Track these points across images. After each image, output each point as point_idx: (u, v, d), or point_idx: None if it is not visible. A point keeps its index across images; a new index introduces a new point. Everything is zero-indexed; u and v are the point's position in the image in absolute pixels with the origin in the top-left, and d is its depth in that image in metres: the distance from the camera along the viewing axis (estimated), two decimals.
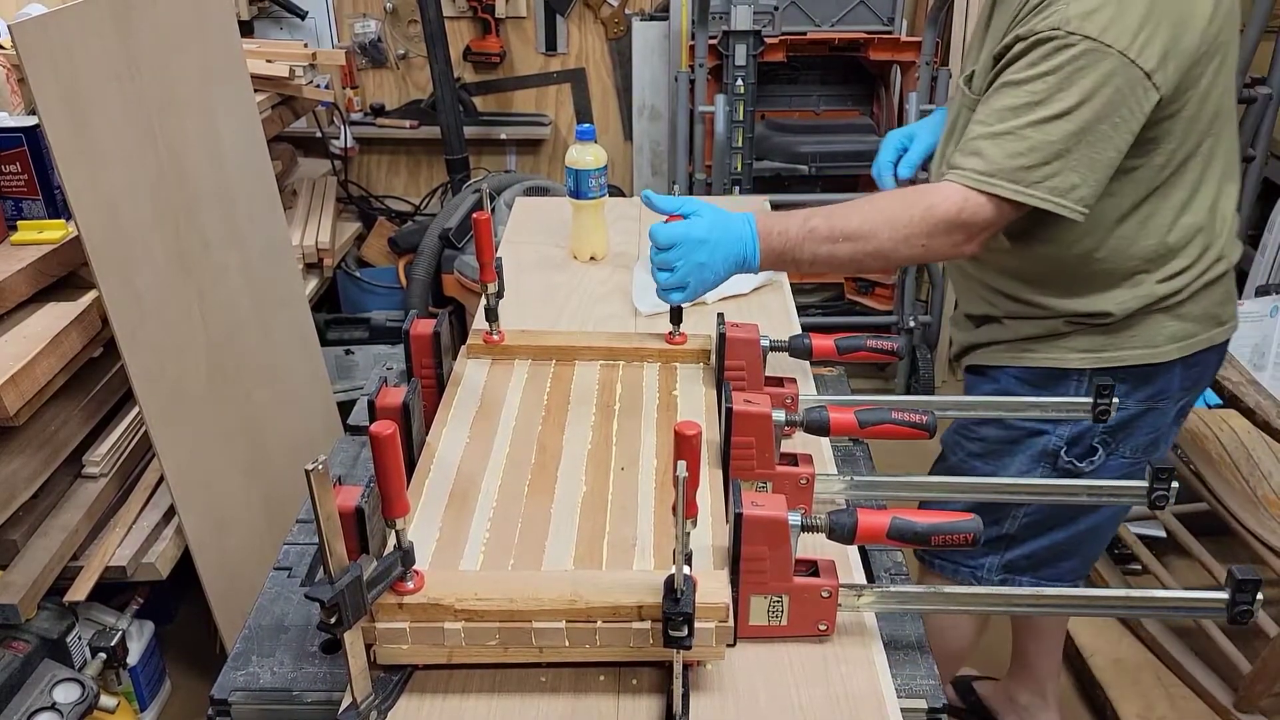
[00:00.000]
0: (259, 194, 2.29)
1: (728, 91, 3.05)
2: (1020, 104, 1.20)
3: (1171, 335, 1.39)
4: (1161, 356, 1.39)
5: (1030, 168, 1.19)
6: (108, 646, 1.85)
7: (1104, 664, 2.19)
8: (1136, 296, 1.36)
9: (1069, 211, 1.21)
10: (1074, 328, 1.40)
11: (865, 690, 0.92)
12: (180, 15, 1.97)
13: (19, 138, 1.75)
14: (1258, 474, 2.07)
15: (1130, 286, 1.35)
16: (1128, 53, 1.15)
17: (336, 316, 3.21)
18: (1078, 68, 1.16)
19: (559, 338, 1.38)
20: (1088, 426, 1.42)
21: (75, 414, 1.81)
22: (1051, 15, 1.18)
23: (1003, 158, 1.20)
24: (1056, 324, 1.41)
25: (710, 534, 1.04)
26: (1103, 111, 1.17)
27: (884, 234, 1.26)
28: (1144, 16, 1.15)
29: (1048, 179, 1.20)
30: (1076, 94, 1.16)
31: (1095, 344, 1.39)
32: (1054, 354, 1.42)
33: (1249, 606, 0.94)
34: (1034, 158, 1.19)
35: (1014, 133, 1.20)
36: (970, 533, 0.94)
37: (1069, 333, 1.40)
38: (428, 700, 0.90)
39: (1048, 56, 1.18)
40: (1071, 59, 1.16)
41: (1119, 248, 1.33)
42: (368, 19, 3.43)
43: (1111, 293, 1.36)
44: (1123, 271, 1.35)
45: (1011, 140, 1.20)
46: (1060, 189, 1.20)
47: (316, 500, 0.75)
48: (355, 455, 1.33)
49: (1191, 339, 1.40)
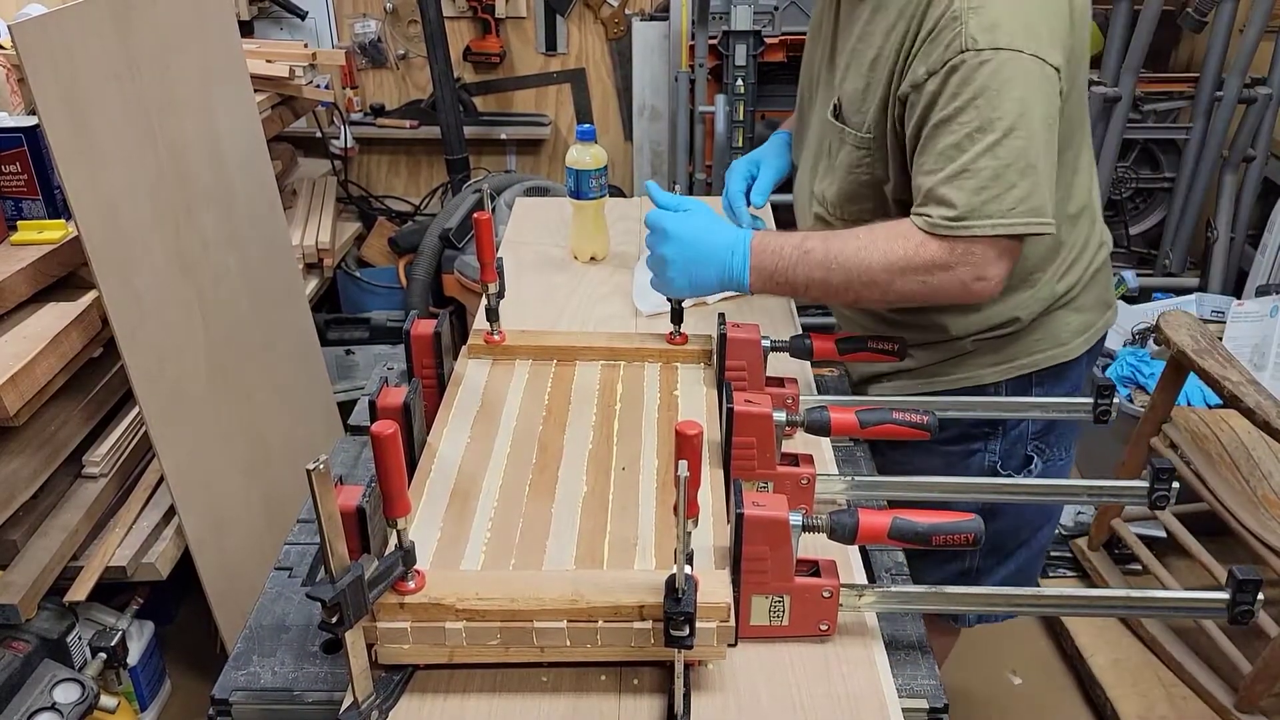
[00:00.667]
0: (259, 194, 2.29)
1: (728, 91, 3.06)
2: (961, 138, 1.13)
3: (1077, 329, 1.39)
4: (1072, 353, 1.39)
5: (998, 197, 1.13)
6: (108, 646, 1.85)
7: (1104, 664, 2.19)
8: (1039, 298, 1.34)
9: (1041, 228, 1.15)
10: (980, 344, 1.38)
11: (866, 690, 0.92)
12: (180, 15, 1.97)
13: (19, 138, 1.76)
14: (1258, 474, 2.07)
15: (1030, 288, 1.34)
16: (1039, 54, 1.11)
17: (337, 316, 3.21)
18: (1002, 80, 1.11)
19: (560, 338, 1.38)
20: (1017, 437, 1.42)
21: (75, 414, 1.81)
22: (953, 40, 1.12)
23: (967, 196, 1.13)
24: (963, 344, 1.38)
25: (711, 534, 1.04)
26: (1040, 117, 1.13)
27: (878, 265, 1.18)
28: (1038, 17, 1.13)
29: (1021, 201, 1.13)
30: (1011, 109, 1.11)
31: (1005, 355, 1.38)
32: (965, 373, 1.40)
33: (1249, 607, 0.94)
34: (998, 187, 1.12)
35: (969, 170, 1.13)
36: (971, 533, 0.94)
37: (975, 351, 1.38)
38: (429, 700, 0.90)
39: (966, 81, 1.12)
40: (991, 75, 1.11)
41: None
42: (368, 19, 3.43)
43: (1014, 299, 1.33)
44: (1020, 275, 1.32)
45: (969, 178, 1.13)
46: (1035, 208, 1.14)
47: (318, 500, 0.75)
48: (356, 455, 1.33)
49: (1092, 329, 1.41)
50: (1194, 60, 3.37)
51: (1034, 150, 1.13)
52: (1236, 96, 3.04)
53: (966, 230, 1.14)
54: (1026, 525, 1.49)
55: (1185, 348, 1.99)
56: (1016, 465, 1.43)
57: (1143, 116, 3.18)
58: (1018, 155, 1.12)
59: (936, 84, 1.15)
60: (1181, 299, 3.02)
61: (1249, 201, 3.19)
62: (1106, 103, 3.02)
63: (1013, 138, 1.11)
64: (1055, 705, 2.20)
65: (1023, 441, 1.42)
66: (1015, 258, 1.19)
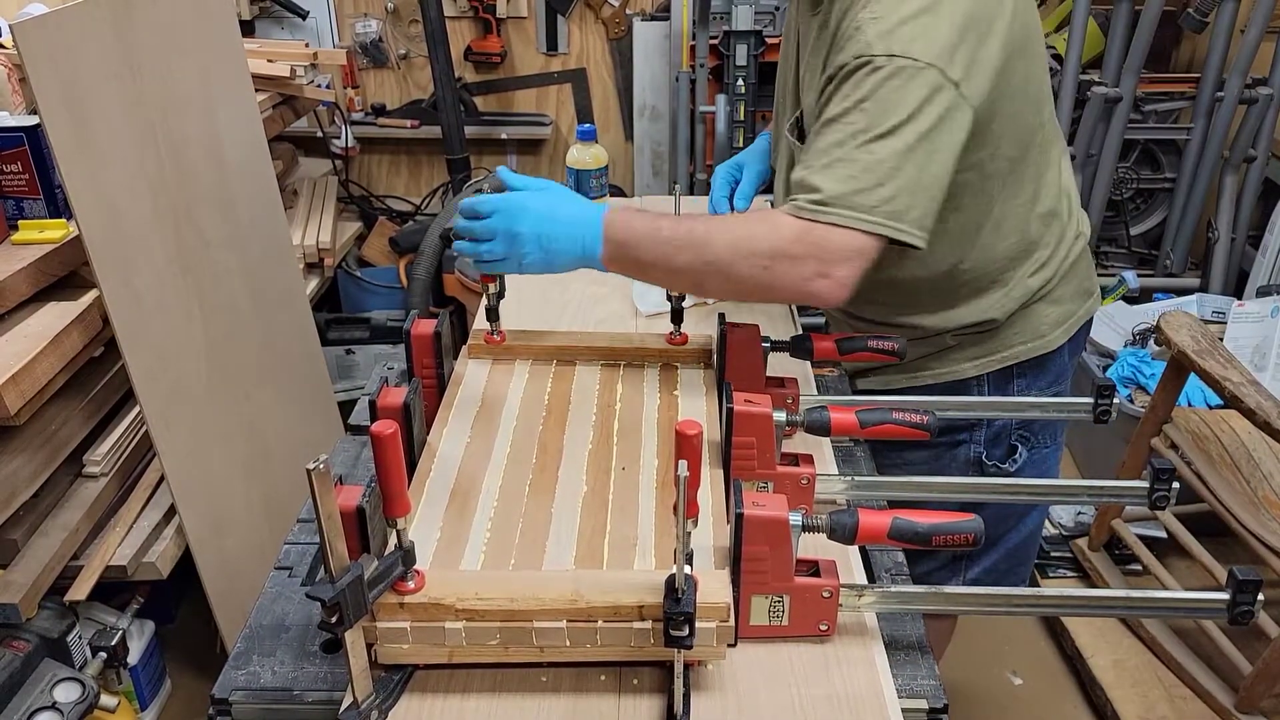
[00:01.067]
0: (260, 194, 2.29)
1: (729, 91, 3.06)
2: (844, 136, 1.12)
3: (1055, 321, 1.39)
4: (1052, 344, 1.39)
5: (864, 190, 1.10)
6: (108, 646, 1.85)
7: (1105, 664, 2.19)
8: (1013, 296, 1.35)
9: (909, 237, 1.12)
10: (960, 339, 1.39)
11: (866, 690, 0.92)
12: (181, 15, 1.97)
13: (20, 137, 1.76)
14: (1258, 475, 2.07)
15: (1003, 287, 1.34)
16: (936, 64, 1.09)
17: (337, 316, 3.21)
18: (892, 88, 1.09)
19: (560, 338, 1.38)
20: (1002, 426, 1.42)
21: (76, 413, 1.82)
22: (854, 44, 1.12)
23: (834, 183, 1.11)
24: (944, 339, 1.39)
25: (711, 534, 1.04)
26: (926, 127, 1.10)
27: (723, 245, 1.14)
28: (945, 29, 1.10)
29: (885, 202, 1.10)
30: (898, 113, 1.09)
31: (985, 349, 1.39)
32: (947, 367, 1.41)
33: (1250, 607, 0.94)
34: (866, 180, 1.10)
35: (842, 159, 1.11)
36: (971, 533, 0.94)
37: (956, 345, 1.39)
38: (429, 700, 0.90)
39: (859, 84, 1.11)
40: (884, 79, 1.09)
41: (982, 256, 1.31)
42: (369, 19, 3.43)
43: (988, 298, 1.34)
44: (992, 275, 1.33)
45: (841, 166, 1.11)
46: (898, 213, 1.11)
47: (318, 499, 0.75)
48: (356, 455, 1.33)
49: (1071, 319, 1.41)
50: (1195, 60, 3.37)
51: (913, 159, 1.10)
52: (1237, 97, 3.04)
53: (825, 215, 1.10)
54: (1012, 514, 1.50)
55: (1186, 348, 1.99)
56: (1001, 455, 1.44)
57: (1144, 117, 3.18)
58: (893, 157, 1.09)
59: (832, 88, 1.15)
60: (1182, 299, 3.02)
61: (1250, 202, 3.19)
62: (1107, 103, 3.02)
63: (893, 139, 1.09)
64: (1055, 706, 2.20)
65: (1007, 432, 1.43)
66: (866, 263, 1.13)
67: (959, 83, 1.11)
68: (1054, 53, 3.10)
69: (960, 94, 1.11)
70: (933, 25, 1.10)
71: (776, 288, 1.14)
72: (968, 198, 1.25)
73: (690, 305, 1.38)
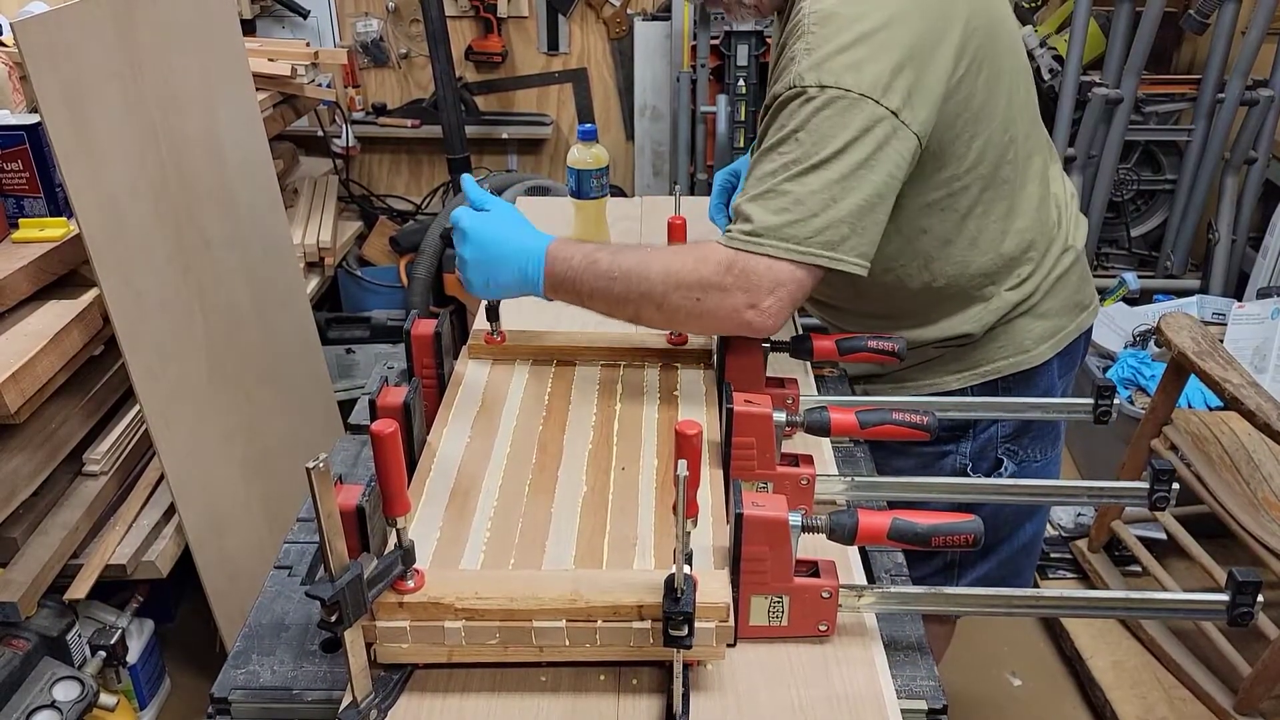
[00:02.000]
0: (260, 193, 2.29)
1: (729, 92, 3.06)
2: (777, 166, 1.12)
3: (1040, 336, 1.38)
4: (1037, 359, 1.38)
5: (797, 222, 1.10)
6: (107, 644, 1.85)
7: (1104, 666, 2.19)
8: (991, 310, 1.34)
9: (848, 266, 1.12)
10: (942, 350, 1.38)
11: (865, 691, 0.92)
12: (182, 14, 1.97)
13: (21, 136, 1.76)
14: (1258, 476, 2.07)
15: (981, 302, 1.34)
16: (870, 94, 1.09)
17: (337, 315, 3.21)
18: (825, 118, 1.09)
19: (560, 338, 1.38)
20: (989, 439, 1.41)
21: (76, 412, 1.82)
22: (788, 74, 1.12)
23: (767, 215, 1.11)
24: (926, 350, 1.38)
25: (711, 534, 1.04)
26: (861, 157, 1.10)
27: (656, 276, 1.15)
28: (882, 59, 1.09)
29: (819, 233, 1.10)
30: (831, 144, 1.09)
31: (967, 363, 1.38)
32: (931, 379, 1.41)
33: (1249, 609, 0.93)
34: (799, 211, 1.10)
35: (775, 190, 1.11)
36: (971, 533, 0.94)
37: (939, 356, 1.39)
38: (428, 699, 0.90)
39: (792, 115, 1.11)
40: (815, 110, 1.09)
41: (956, 272, 1.30)
42: (370, 18, 3.43)
43: (965, 313, 1.34)
44: (968, 291, 1.32)
45: (774, 198, 1.11)
46: (833, 242, 1.11)
47: (317, 498, 0.75)
48: (356, 454, 1.33)
49: (1060, 334, 1.39)
50: (1196, 62, 3.37)
51: (848, 189, 1.10)
52: (1238, 98, 3.04)
53: (758, 246, 1.11)
54: (1005, 523, 1.49)
55: (1186, 350, 1.99)
56: (987, 468, 1.43)
57: (1144, 118, 3.18)
58: (827, 187, 1.09)
59: (769, 117, 1.16)
60: (1182, 301, 3.02)
61: (1250, 203, 3.20)
62: (1108, 104, 3.02)
63: (826, 170, 1.09)
64: (1054, 707, 2.20)
65: (993, 444, 1.42)
66: (799, 292, 1.13)
67: (898, 111, 1.10)
68: (1055, 54, 3.11)
69: (900, 121, 1.11)
70: (867, 57, 1.09)
71: (707, 319, 1.15)
72: (934, 218, 1.25)
73: None
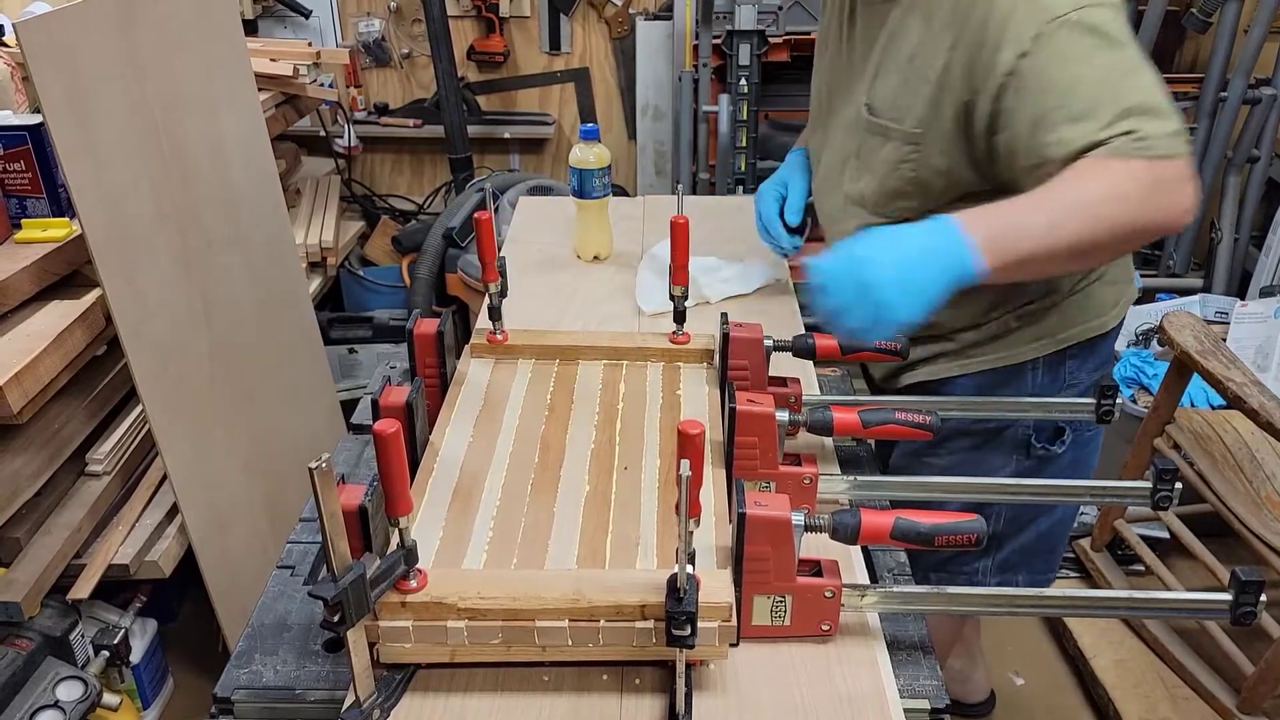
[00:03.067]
0: (262, 193, 2.29)
1: (731, 91, 3.05)
2: (1108, 72, 1.12)
3: (1111, 301, 1.39)
4: (1109, 324, 1.40)
5: (1167, 111, 1.09)
6: (110, 644, 1.85)
7: (1107, 665, 2.19)
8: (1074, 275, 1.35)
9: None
10: (1022, 321, 1.38)
11: (868, 690, 0.92)
12: (184, 14, 1.97)
13: (23, 136, 1.76)
14: (1261, 475, 2.07)
15: None
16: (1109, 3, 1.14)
17: (340, 315, 3.21)
18: (1099, 21, 1.13)
19: (562, 337, 1.38)
20: None
21: (78, 412, 1.82)
22: (1035, 15, 1.12)
23: (1168, 104, 1.09)
24: (1007, 320, 1.38)
25: (713, 533, 1.04)
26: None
27: (1097, 200, 1.06)
28: None
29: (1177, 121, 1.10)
30: (1126, 35, 1.15)
31: (1046, 329, 1.38)
32: (1004, 352, 1.39)
33: (1252, 608, 0.93)
34: (1164, 104, 1.10)
35: (1145, 86, 1.11)
36: (974, 533, 0.94)
37: (1019, 327, 1.38)
38: (430, 699, 0.90)
39: (1087, 31, 1.12)
40: (1096, 22, 1.12)
41: None
42: (372, 18, 3.43)
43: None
44: None
45: (1156, 93, 1.10)
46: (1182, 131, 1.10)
47: (320, 498, 0.75)
48: (358, 454, 1.33)
49: (1123, 299, 1.42)
50: (1198, 61, 3.36)
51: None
52: (1241, 97, 3.03)
53: (1171, 147, 1.07)
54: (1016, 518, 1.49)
55: (1189, 349, 1.99)
56: (1049, 437, 1.43)
57: None
58: (1153, 83, 1.12)
59: (1028, 61, 1.12)
60: (1185, 300, 3.02)
61: (1253, 202, 3.19)
62: None
63: (1148, 70, 1.13)
64: (1057, 706, 2.20)
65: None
66: None
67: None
68: None
69: None
70: None
71: (1155, 220, 1.08)
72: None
73: (693, 305, 1.38)
